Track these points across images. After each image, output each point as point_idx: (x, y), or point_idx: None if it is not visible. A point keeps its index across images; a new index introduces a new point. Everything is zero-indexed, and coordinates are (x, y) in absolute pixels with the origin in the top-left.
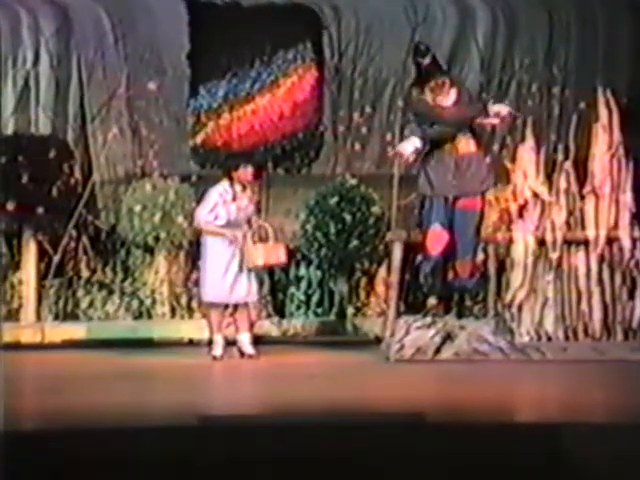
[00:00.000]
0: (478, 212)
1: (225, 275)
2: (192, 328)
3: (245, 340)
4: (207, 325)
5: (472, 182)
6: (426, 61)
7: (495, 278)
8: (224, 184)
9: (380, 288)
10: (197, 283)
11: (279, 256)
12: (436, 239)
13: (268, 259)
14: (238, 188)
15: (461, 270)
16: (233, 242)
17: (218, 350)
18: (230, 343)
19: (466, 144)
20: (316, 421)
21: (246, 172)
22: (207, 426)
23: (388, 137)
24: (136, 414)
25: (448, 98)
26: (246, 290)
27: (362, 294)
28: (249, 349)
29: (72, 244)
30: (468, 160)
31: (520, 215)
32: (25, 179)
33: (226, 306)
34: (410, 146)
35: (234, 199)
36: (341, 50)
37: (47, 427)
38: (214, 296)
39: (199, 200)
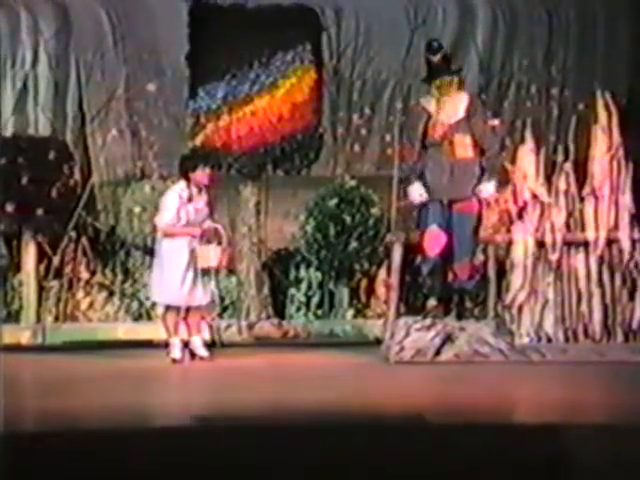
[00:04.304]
0: (475, 215)
1: (184, 278)
2: None
3: (197, 343)
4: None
5: (466, 186)
6: (437, 58)
7: (495, 279)
8: (181, 185)
9: (380, 289)
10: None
11: (228, 261)
12: (433, 240)
13: (221, 262)
14: (194, 190)
15: (460, 272)
16: (197, 239)
17: (177, 353)
18: (228, 345)
19: (464, 149)
20: (316, 423)
21: (203, 174)
22: (207, 427)
23: (387, 138)
24: (136, 416)
25: (454, 99)
26: (202, 293)
27: (362, 296)
28: (202, 351)
29: (72, 245)
30: (464, 165)
31: (520, 216)
32: (24, 180)
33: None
34: (416, 194)
35: (190, 200)
36: (340, 51)
37: (47, 429)
38: (172, 299)
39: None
